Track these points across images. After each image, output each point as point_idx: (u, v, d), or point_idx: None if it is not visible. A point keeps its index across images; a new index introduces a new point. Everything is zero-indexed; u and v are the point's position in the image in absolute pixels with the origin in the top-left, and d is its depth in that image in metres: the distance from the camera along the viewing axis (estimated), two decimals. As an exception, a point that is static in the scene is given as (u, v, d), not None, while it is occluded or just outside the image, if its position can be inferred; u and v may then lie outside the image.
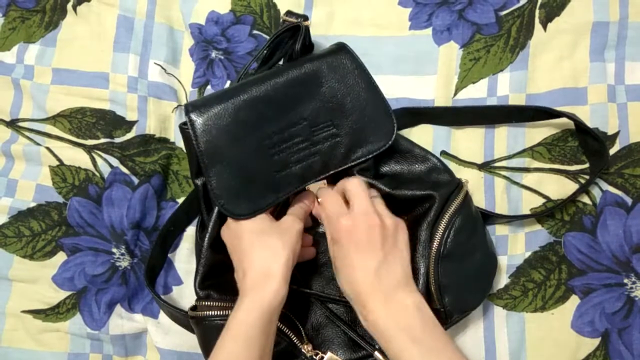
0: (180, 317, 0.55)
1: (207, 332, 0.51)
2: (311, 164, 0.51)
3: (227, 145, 0.49)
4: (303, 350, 0.51)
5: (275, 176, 0.50)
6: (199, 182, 0.54)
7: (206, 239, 0.51)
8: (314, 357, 0.52)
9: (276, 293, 0.45)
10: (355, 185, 0.50)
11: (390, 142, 0.52)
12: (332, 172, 0.52)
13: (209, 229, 0.51)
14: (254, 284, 0.46)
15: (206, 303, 0.51)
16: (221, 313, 0.50)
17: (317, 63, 0.52)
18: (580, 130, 0.57)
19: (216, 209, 0.51)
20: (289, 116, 0.51)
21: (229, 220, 0.50)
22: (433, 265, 0.49)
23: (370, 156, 0.52)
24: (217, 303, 0.51)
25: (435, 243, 0.50)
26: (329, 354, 0.52)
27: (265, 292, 0.45)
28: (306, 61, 0.52)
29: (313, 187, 0.53)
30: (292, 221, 0.49)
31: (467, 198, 0.53)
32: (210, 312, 0.50)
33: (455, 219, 0.50)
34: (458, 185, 0.53)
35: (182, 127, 0.51)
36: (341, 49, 0.53)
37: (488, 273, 0.54)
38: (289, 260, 0.47)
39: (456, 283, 0.50)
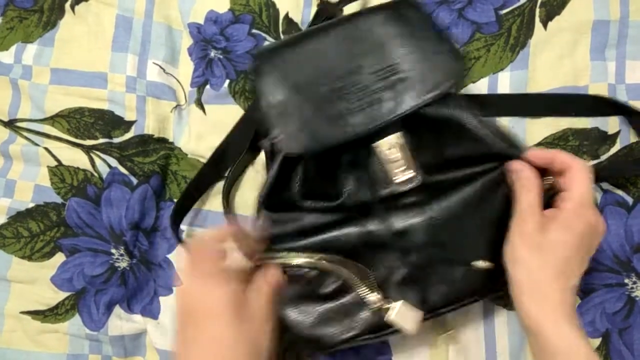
0: None
1: None
2: (377, 109, 0.50)
3: (289, 92, 0.50)
4: (371, 299, 0.49)
5: (337, 120, 0.50)
6: (267, 144, 0.53)
7: (261, 201, 0.51)
8: (382, 307, 0.48)
9: None
10: (571, 158, 0.45)
11: (459, 78, 0.51)
12: (399, 114, 0.50)
13: (266, 185, 0.51)
14: None
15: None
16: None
17: (380, 12, 0.53)
18: None
19: (276, 165, 0.50)
20: (352, 63, 0.51)
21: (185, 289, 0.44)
22: None
23: (439, 94, 0.50)
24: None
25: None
26: (401, 302, 0.48)
27: None
28: (368, 11, 0.53)
29: None
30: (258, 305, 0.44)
31: None
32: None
33: None
34: None
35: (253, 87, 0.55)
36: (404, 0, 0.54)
37: None
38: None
39: None
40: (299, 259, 0.49)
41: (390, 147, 0.52)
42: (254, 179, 0.60)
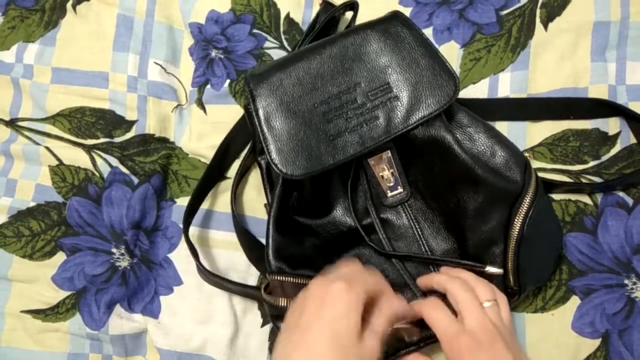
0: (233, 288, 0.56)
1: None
2: (371, 128, 0.51)
3: (283, 115, 0.50)
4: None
5: (332, 141, 0.50)
6: (262, 162, 0.56)
7: (271, 221, 0.51)
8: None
9: None
10: (460, 292, 0.45)
11: (452, 100, 0.50)
12: (392, 135, 0.51)
13: (273, 209, 0.51)
14: None
15: (278, 278, 0.50)
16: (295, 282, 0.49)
17: (371, 30, 0.52)
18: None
19: (278, 188, 0.51)
20: (344, 82, 0.51)
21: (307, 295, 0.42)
22: (514, 248, 0.49)
23: (432, 114, 0.50)
24: (290, 278, 0.49)
25: (517, 227, 0.49)
26: None
27: None
28: (359, 28, 0.53)
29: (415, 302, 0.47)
30: (372, 348, 0.39)
31: (537, 176, 0.52)
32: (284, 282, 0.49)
33: (537, 201, 0.50)
34: (526, 164, 0.52)
35: (247, 107, 0.55)
36: (394, 17, 0.53)
37: (559, 243, 0.55)
38: None
39: (534, 264, 0.50)
40: None
41: (381, 164, 0.53)
42: (258, 179, 0.60)
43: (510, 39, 0.61)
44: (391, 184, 0.54)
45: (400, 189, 0.54)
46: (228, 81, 0.64)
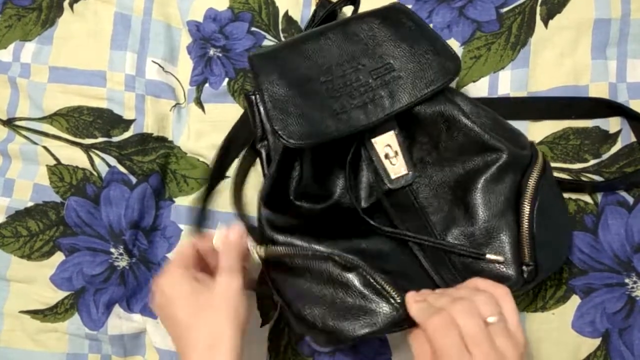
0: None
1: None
2: (375, 105, 0.51)
3: (287, 87, 0.51)
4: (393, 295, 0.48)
5: (336, 116, 0.50)
6: (263, 149, 0.56)
7: (262, 193, 0.51)
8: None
9: None
10: (473, 327, 0.40)
11: (455, 76, 0.52)
12: (397, 109, 0.51)
13: (267, 186, 0.51)
14: None
15: (271, 248, 0.51)
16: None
17: (372, 16, 0.54)
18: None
19: (275, 163, 0.51)
20: (348, 63, 0.52)
21: (160, 291, 0.48)
22: (528, 214, 0.49)
23: (435, 90, 0.51)
24: (280, 248, 0.51)
25: (530, 190, 0.49)
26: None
27: None
28: (360, 15, 0.54)
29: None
30: (227, 284, 0.46)
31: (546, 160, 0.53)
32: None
33: (547, 171, 0.51)
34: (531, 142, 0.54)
35: (247, 95, 0.56)
36: (394, 6, 0.55)
37: (569, 226, 0.55)
38: (234, 337, 0.44)
39: (548, 240, 0.50)
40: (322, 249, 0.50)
41: (385, 144, 0.53)
42: (257, 178, 0.60)
43: (510, 36, 0.60)
44: (395, 165, 0.53)
45: (405, 171, 0.53)
46: (226, 79, 0.63)
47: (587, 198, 0.56)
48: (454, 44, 0.61)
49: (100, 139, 0.63)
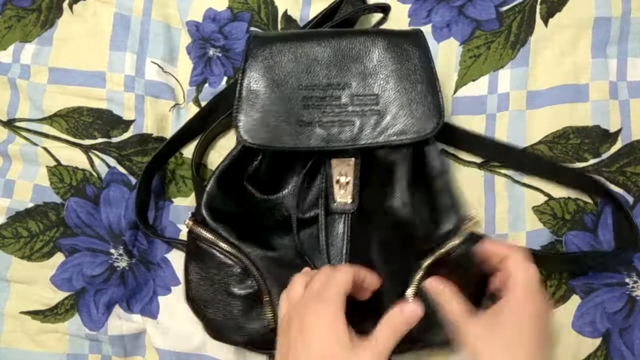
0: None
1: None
2: (340, 131, 0.51)
3: (266, 83, 0.51)
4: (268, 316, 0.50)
5: (300, 126, 0.50)
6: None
7: (217, 170, 0.52)
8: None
9: None
10: (521, 255, 0.43)
11: (427, 136, 0.50)
12: (356, 145, 0.51)
13: (222, 164, 0.52)
14: None
15: (196, 228, 0.51)
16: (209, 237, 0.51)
17: (383, 38, 0.52)
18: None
19: (236, 149, 0.52)
20: (336, 77, 0.51)
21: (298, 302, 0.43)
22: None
23: (403, 141, 0.50)
24: (205, 232, 0.51)
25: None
26: None
27: None
28: (373, 32, 0.53)
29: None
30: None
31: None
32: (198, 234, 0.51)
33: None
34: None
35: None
36: (414, 34, 0.53)
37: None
38: None
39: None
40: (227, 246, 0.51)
41: (341, 170, 0.53)
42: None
43: (510, 35, 0.60)
44: (342, 192, 0.53)
45: (349, 200, 0.53)
46: (226, 79, 0.63)
47: (586, 198, 0.56)
48: (454, 43, 0.61)
49: (100, 140, 0.63)
